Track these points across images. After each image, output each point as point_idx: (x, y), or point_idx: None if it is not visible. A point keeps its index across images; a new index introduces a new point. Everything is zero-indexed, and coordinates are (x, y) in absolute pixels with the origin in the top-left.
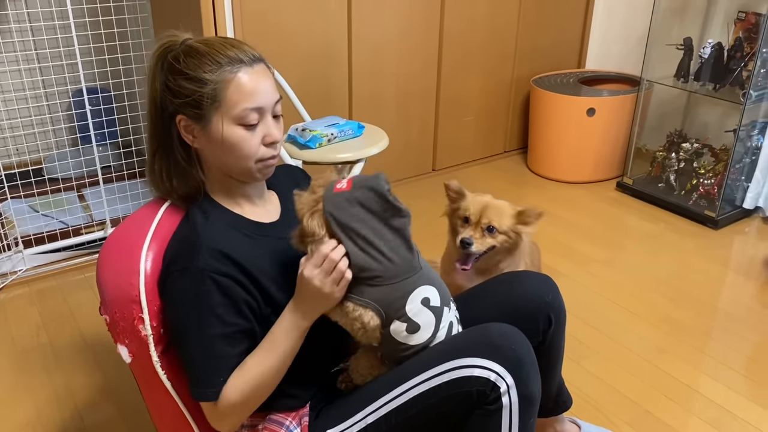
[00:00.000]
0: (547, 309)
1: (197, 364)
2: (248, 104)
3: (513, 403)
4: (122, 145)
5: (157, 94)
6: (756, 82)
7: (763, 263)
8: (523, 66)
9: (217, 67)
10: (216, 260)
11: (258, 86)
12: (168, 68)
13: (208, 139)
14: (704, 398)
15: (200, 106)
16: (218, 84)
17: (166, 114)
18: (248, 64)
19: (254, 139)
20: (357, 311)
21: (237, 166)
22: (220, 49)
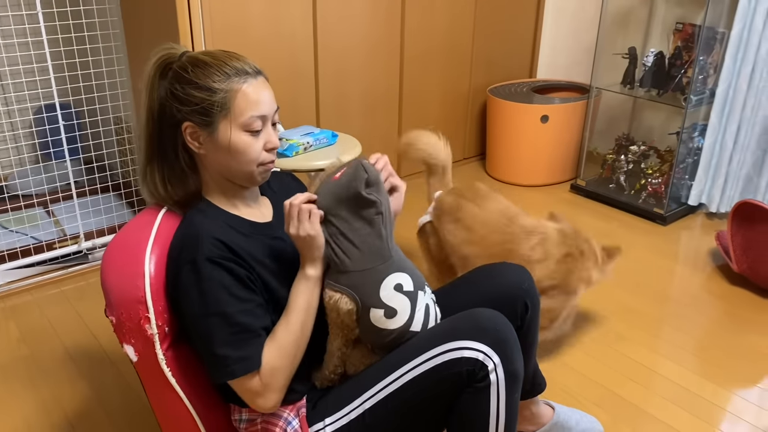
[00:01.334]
0: (523, 296)
1: (227, 344)
2: (254, 112)
3: (500, 380)
4: (88, 161)
5: (155, 104)
6: (695, 88)
7: (708, 254)
8: (478, 77)
9: (225, 77)
10: (217, 248)
11: (262, 96)
12: (174, 77)
13: (214, 145)
14: (662, 377)
15: (209, 114)
16: (228, 93)
17: (171, 121)
18: (253, 76)
19: (258, 145)
20: (333, 298)
21: (240, 170)
22: (227, 61)
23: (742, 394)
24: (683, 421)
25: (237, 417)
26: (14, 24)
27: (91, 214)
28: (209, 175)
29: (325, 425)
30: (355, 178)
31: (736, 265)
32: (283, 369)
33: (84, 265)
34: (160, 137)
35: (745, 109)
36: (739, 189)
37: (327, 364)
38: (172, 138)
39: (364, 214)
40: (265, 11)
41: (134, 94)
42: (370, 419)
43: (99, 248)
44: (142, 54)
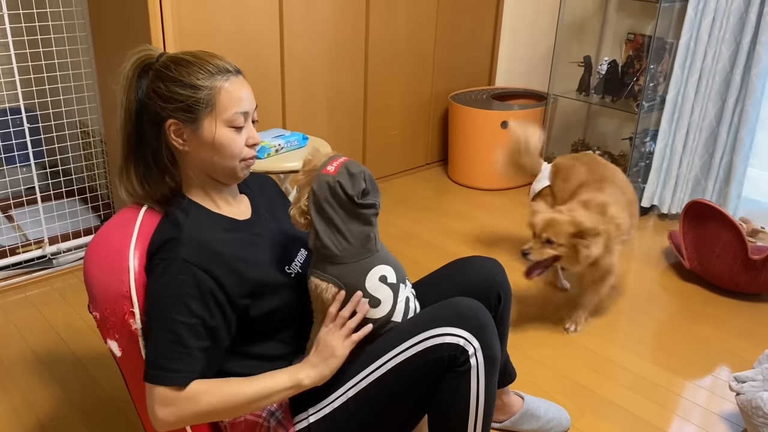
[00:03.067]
0: (497, 287)
1: (161, 346)
2: (238, 108)
3: (479, 363)
4: (48, 166)
5: (133, 104)
6: (647, 95)
7: (661, 253)
8: (440, 83)
9: (208, 75)
10: (197, 251)
11: (244, 93)
12: (156, 76)
13: (198, 141)
14: (621, 367)
15: (194, 110)
16: (212, 90)
17: (153, 120)
18: (234, 74)
19: (240, 140)
20: (319, 287)
21: (223, 166)
22: (209, 60)
23: (696, 381)
24: (642, 407)
25: None
26: None
27: (55, 219)
28: (191, 173)
29: (308, 415)
30: (353, 187)
31: (688, 262)
32: (201, 413)
33: (48, 270)
34: (138, 137)
35: (693, 115)
36: (689, 191)
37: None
38: (153, 136)
39: (361, 215)
40: (231, 15)
41: (101, 98)
42: (354, 407)
43: (63, 253)
44: (111, 58)
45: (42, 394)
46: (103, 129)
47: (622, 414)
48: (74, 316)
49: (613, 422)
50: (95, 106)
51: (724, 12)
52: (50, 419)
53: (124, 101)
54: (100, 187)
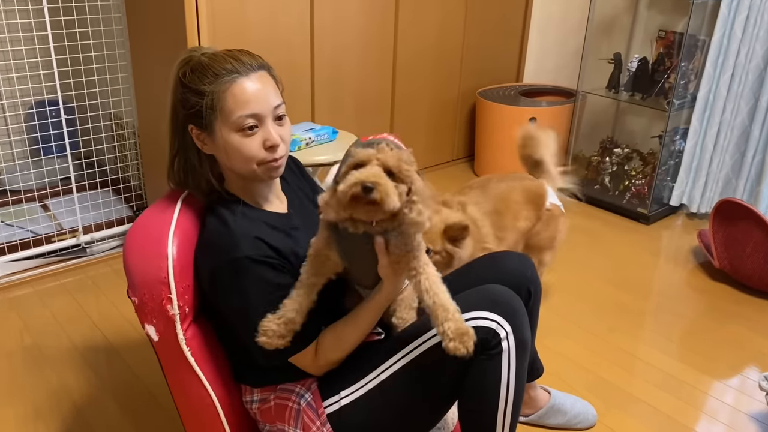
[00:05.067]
0: (527, 283)
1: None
2: (243, 111)
3: (510, 347)
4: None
5: (173, 105)
6: (677, 92)
7: (690, 252)
8: (468, 80)
9: (214, 79)
10: (255, 246)
11: (253, 94)
12: (179, 82)
13: (214, 145)
14: (648, 365)
15: (203, 116)
16: (215, 94)
17: (180, 123)
18: (244, 74)
19: (253, 144)
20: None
21: (241, 169)
22: (220, 62)
23: (724, 381)
24: (669, 404)
25: (248, 398)
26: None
27: (89, 209)
28: (226, 171)
29: (340, 398)
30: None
31: (718, 261)
32: (335, 348)
33: (82, 258)
34: (180, 135)
35: (724, 113)
36: (719, 190)
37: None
38: (185, 137)
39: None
40: (264, 14)
41: (136, 91)
42: (387, 390)
43: (97, 242)
44: (146, 51)
45: (77, 379)
46: (137, 122)
47: (648, 411)
48: (107, 303)
49: (640, 419)
50: (129, 99)
51: (758, 9)
52: (85, 403)
53: (170, 100)
54: (133, 178)
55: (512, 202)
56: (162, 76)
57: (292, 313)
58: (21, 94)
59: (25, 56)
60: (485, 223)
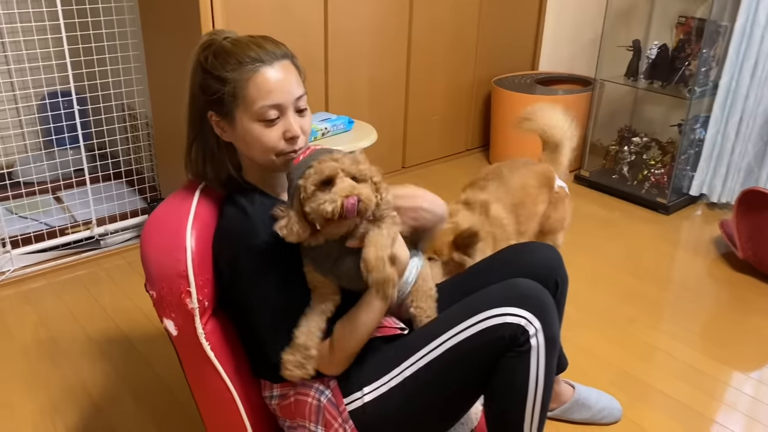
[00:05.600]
0: (554, 275)
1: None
2: (266, 101)
3: (540, 344)
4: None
5: (193, 90)
6: (698, 80)
7: (712, 243)
8: (482, 68)
9: (237, 66)
10: (273, 234)
11: (276, 84)
12: (200, 67)
13: (234, 134)
14: (671, 357)
15: (224, 104)
16: (238, 83)
17: (199, 109)
18: (268, 63)
19: (273, 134)
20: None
21: (259, 159)
22: (244, 49)
23: (749, 372)
24: (692, 396)
25: (268, 393)
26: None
27: (102, 201)
28: (245, 160)
29: (363, 394)
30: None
31: (741, 252)
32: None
33: (96, 250)
34: (198, 121)
35: (747, 101)
36: (741, 179)
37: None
38: (203, 124)
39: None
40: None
41: (149, 81)
42: (411, 386)
43: (111, 234)
44: (159, 40)
45: (94, 372)
46: (150, 112)
47: (672, 404)
48: (122, 296)
49: (664, 412)
50: (143, 89)
51: None
52: (103, 397)
53: (189, 84)
54: (146, 169)
55: (530, 188)
56: (176, 65)
57: (303, 338)
58: (33, 85)
59: (38, 46)
60: (510, 220)
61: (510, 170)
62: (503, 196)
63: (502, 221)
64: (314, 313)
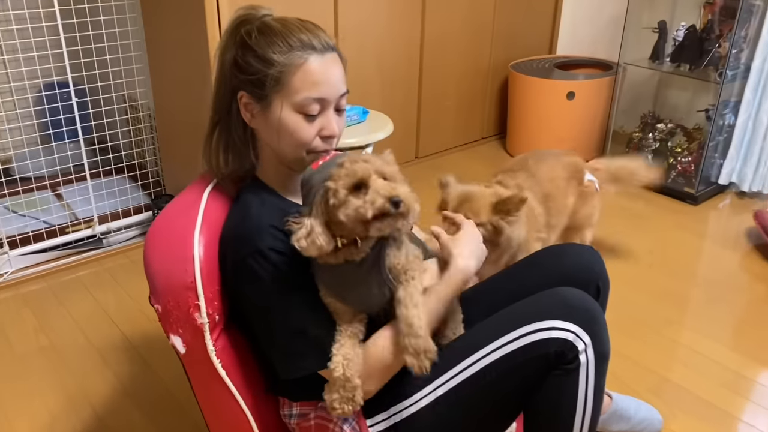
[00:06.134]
0: (596, 279)
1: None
2: (311, 93)
3: (589, 361)
4: (94, 142)
5: (225, 66)
6: (729, 62)
7: (745, 234)
8: (498, 52)
9: (287, 49)
10: (279, 238)
11: (324, 76)
12: (240, 42)
13: (265, 121)
14: (712, 361)
15: (263, 87)
16: (285, 67)
17: (230, 88)
18: (319, 52)
19: (311, 130)
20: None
21: (288, 153)
22: (294, 32)
23: None
24: (739, 406)
25: (287, 412)
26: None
27: (104, 197)
28: (264, 155)
29: (390, 414)
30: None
31: None
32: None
33: (99, 250)
34: (227, 101)
35: None
36: None
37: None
38: (230, 105)
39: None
40: None
41: (151, 71)
42: (442, 408)
43: (114, 232)
44: (161, 28)
45: (97, 382)
46: (152, 104)
47: (717, 414)
48: (127, 299)
49: (708, 423)
50: (144, 79)
51: None
52: (106, 409)
53: (218, 62)
54: (150, 164)
55: (559, 180)
56: (179, 53)
57: (341, 369)
58: (29, 77)
59: (32, 36)
60: (540, 211)
61: (536, 161)
62: (533, 187)
63: (534, 210)
64: (345, 338)
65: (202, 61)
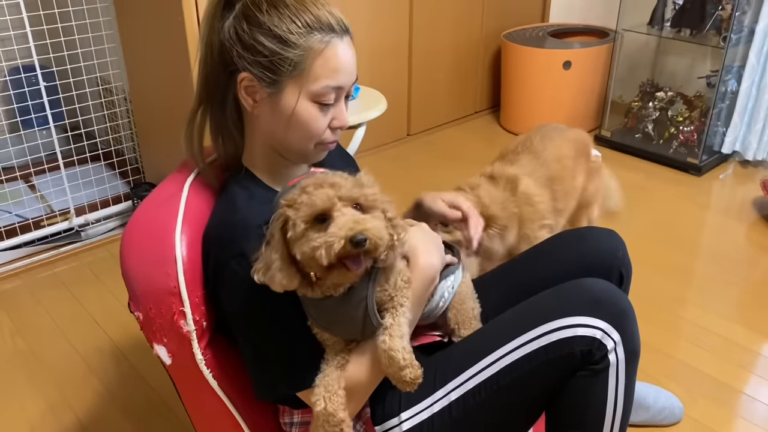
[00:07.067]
0: (618, 265)
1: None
2: (331, 82)
3: (620, 360)
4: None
5: (216, 37)
6: (732, 26)
7: (752, 204)
8: (490, 22)
9: (306, 30)
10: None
11: (344, 63)
12: (243, 14)
13: (272, 108)
14: (731, 342)
15: (276, 71)
16: (306, 52)
17: (228, 67)
18: (339, 35)
19: (323, 120)
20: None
21: (293, 145)
22: (312, 9)
23: None
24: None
25: (287, 420)
26: None
27: (80, 187)
28: (256, 141)
29: (400, 421)
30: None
31: None
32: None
33: (77, 244)
34: (223, 81)
35: None
36: None
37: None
38: (224, 83)
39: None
40: None
41: (125, 51)
42: (458, 412)
43: (92, 224)
44: (132, 4)
45: (80, 389)
46: (127, 86)
47: (742, 399)
48: (109, 297)
49: (732, 409)
50: (117, 60)
51: None
52: (90, 418)
53: (206, 32)
54: (128, 150)
55: (567, 159)
56: (153, 31)
57: (323, 403)
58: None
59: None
60: (543, 197)
61: (542, 140)
62: (537, 170)
63: (533, 198)
64: (330, 368)
65: (179, 37)
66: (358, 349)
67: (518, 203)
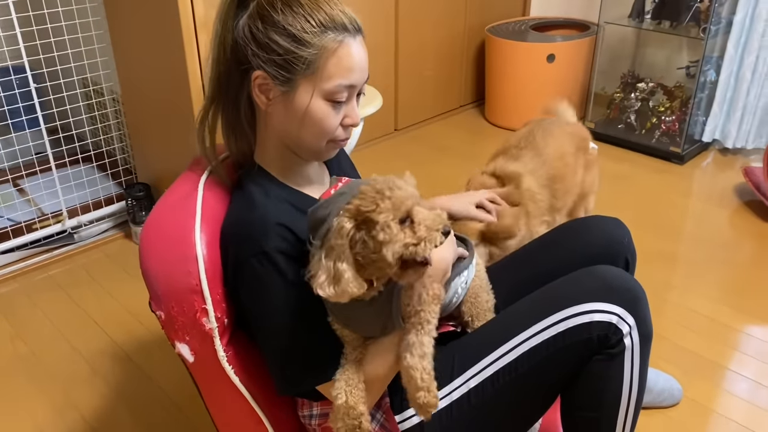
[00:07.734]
0: (624, 252)
1: (312, 346)
2: (344, 80)
3: (634, 344)
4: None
5: (229, 36)
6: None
7: (734, 191)
8: (473, 17)
9: (320, 30)
10: (286, 238)
11: (357, 62)
12: (258, 13)
13: (285, 106)
14: (721, 324)
15: (290, 70)
16: (320, 51)
17: (241, 62)
18: (352, 34)
19: (336, 118)
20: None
21: (306, 143)
22: (324, 7)
23: None
24: (757, 369)
25: (306, 413)
26: None
27: (72, 189)
28: (268, 139)
29: None
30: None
31: None
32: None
33: (71, 246)
34: (236, 80)
35: (764, 38)
36: (756, 123)
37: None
38: (237, 81)
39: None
40: None
41: (115, 51)
42: (477, 399)
43: (85, 226)
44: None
45: (85, 391)
46: (118, 86)
47: (735, 378)
48: (106, 297)
49: (727, 388)
50: (107, 61)
51: None
52: (97, 419)
53: (219, 30)
54: (119, 150)
55: (568, 156)
56: (144, 32)
57: (344, 397)
58: None
59: None
60: (544, 195)
61: (544, 136)
62: (539, 168)
63: (535, 195)
64: (349, 362)
65: (173, 37)
66: (376, 343)
67: (523, 198)
